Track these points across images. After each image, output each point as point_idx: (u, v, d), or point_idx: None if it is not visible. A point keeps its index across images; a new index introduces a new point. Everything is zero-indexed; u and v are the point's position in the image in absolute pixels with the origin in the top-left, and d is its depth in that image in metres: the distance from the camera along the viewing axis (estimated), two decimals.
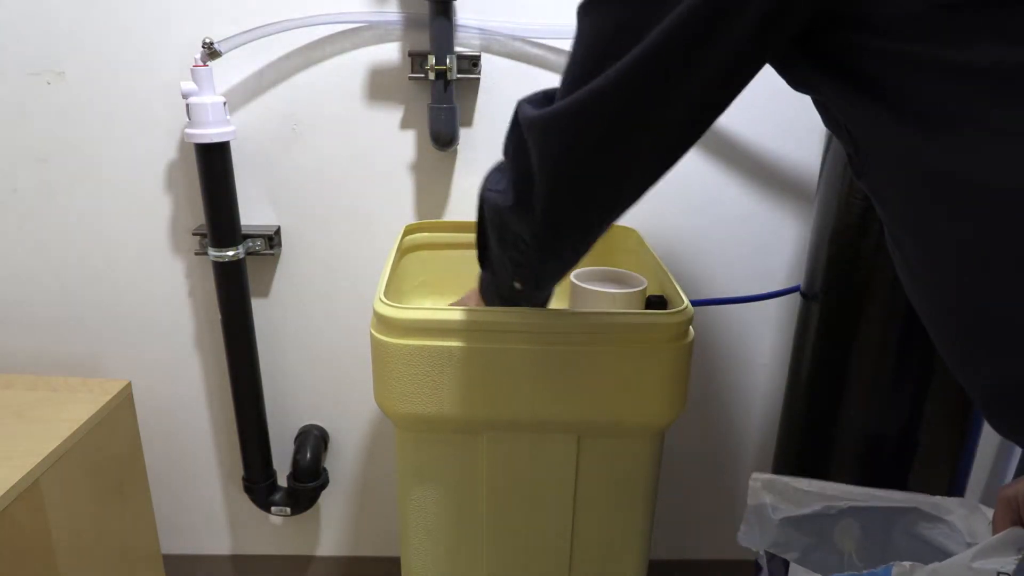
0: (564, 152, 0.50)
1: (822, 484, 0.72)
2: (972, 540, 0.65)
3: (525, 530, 0.83)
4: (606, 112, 0.46)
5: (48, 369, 1.18)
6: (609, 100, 0.45)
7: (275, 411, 1.20)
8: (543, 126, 0.50)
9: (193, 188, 1.08)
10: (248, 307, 1.10)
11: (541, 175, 0.52)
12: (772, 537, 0.72)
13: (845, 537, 0.71)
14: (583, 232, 0.59)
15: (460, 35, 1.00)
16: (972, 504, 0.68)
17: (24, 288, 1.14)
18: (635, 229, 1.04)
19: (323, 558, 1.33)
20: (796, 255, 1.13)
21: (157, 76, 1.02)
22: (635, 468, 0.81)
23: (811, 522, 0.71)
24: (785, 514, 0.71)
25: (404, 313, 0.72)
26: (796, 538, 0.72)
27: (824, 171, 0.86)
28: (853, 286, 0.82)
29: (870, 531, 0.71)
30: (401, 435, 0.80)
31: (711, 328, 1.17)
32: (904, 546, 0.69)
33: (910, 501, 0.70)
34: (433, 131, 1.01)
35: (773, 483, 0.73)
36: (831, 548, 0.72)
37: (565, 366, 0.73)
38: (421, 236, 1.05)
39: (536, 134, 0.51)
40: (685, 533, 1.32)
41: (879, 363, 0.82)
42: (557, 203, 0.54)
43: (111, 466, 1.07)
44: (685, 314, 0.74)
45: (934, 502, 0.69)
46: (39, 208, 1.09)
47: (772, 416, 1.23)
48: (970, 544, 0.65)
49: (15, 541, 0.86)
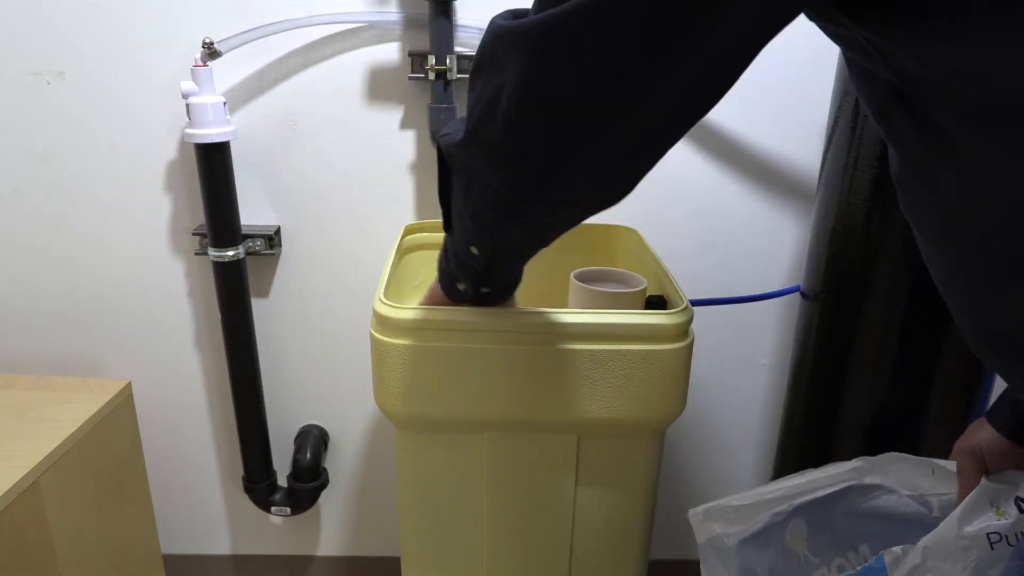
0: (557, 67, 0.42)
1: (758, 492, 0.70)
2: (913, 492, 0.64)
3: (525, 530, 0.83)
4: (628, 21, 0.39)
5: (48, 369, 1.18)
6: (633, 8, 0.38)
7: (275, 411, 1.20)
8: (528, 36, 0.42)
9: (193, 188, 1.08)
10: (248, 307, 1.10)
11: (512, 96, 0.45)
12: (736, 565, 0.69)
13: (796, 538, 0.69)
14: (545, 182, 0.49)
15: (460, 35, 1.00)
16: (894, 456, 0.67)
17: (24, 288, 1.14)
18: (635, 229, 1.04)
19: (323, 558, 1.33)
20: (796, 255, 1.13)
21: (157, 76, 1.02)
22: (635, 468, 0.81)
23: (765, 536, 0.69)
24: (739, 537, 0.69)
25: (404, 313, 0.72)
26: (758, 557, 0.69)
27: (824, 171, 0.86)
28: (853, 286, 0.82)
29: (815, 525, 0.69)
30: (401, 435, 0.80)
31: (711, 328, 1.17)
32: (850, 528, 0.68)
33: (841, 479, 0.68)
34: (433, 131, 1.01)
35: (713, 511, 0.71)
36: (790, 554, 0.70)
37: (565, 366, 0.73)
38: (421, 236, 1.05)
39: (518, 45, 0.43)
40: (685, 533, 1.32)
41: (879, 363, 0.82)
42: (523, 129, 0.46)
43: (111, 466, 1.06)
44: (685, 314, 0.74)
45: (858, 467, 0.67)
46: (39, 208, 1.09)
47: (772, 416, 1.23)
48: (913, 497, 0.64)
49: (15, 541, 0.85)
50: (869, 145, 0.77)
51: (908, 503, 0.65)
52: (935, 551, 0.56)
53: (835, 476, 0.68)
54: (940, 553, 0.56)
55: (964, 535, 0.54)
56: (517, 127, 0.46)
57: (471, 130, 0.51)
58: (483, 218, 0.56)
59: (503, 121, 0.47)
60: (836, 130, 0.82)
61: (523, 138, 0.47)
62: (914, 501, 0.64)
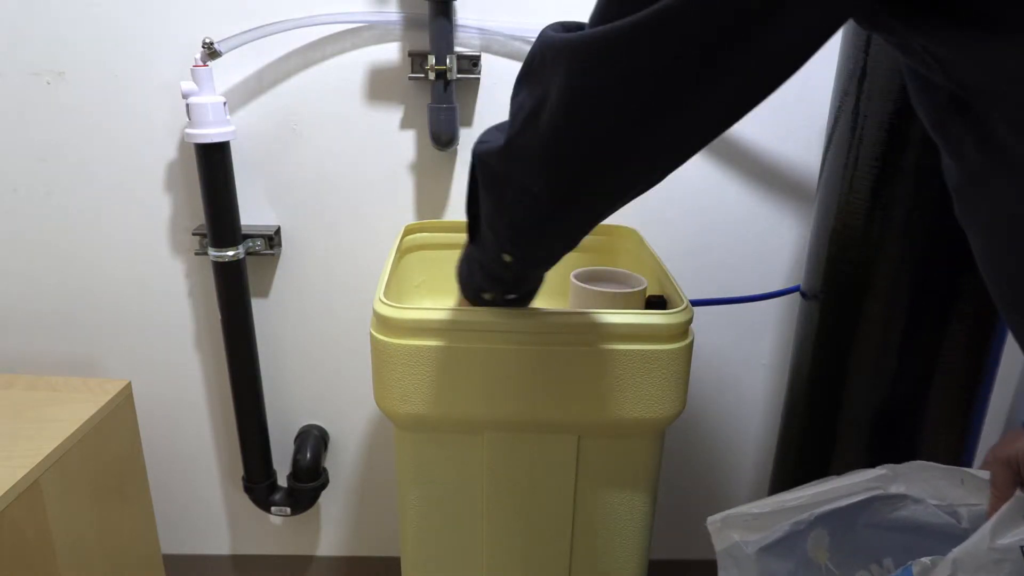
0: (603, 83, 0.43)
1: (778, 499, 0.68)
2: (941, 502, 0.62)
3: (525, 530, 0.83)
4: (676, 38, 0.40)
5: (48, 369, 1.18)
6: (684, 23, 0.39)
7: (275, 411, 1.20)
8: (584, 49, 0.44)
9: (193, 188, 1.08)
10: (248, 307, 1.10)
11: (558, 105, 0.46)
12: (756, 573, 0.68)
13: (818, 548, 0.68)
14: (584, 188, 0.51)
15: (460, 35, 1.00)
16: (920, 464, 0.64)
17: (24, 288, 1.14)
18: (635, 229, 1.04)
19: (323, 558, 1.33)
20: (796, 255, 1.13)
21: (157, 76, 1.02)
22: (635, 468, 0.81)
23: (786, 545, 0.67)
24: (758, 545, 0.67)
25: (404, 313, 0.72)
26: (778, 566, 0.68)
27: (824, 171, 0.86)
28: (853, 286, 0.82)
29: (838, 535, 0.67)
30: (401, 435, 0.80)
31: (711, 328, 1.17)
32: (875, 539, 0.66)
33: (864, 488, 0.65)
34: (433, 131, 1.01)
35: (732, 519, 0.69)
36: (812, 565, 0.68)
37: (565, 366, 0.73)
38: (421, 236, 1.05)
39: (570, 56, 0.45)
40: (685, 533, 1.32)
41: (879, 363, 0.82)
42: (567, 137, 0.47)
43: (111, 466, 1.06)
44: (685, 314, 0.74)
45: (883, 475, 0.65)
46: (39, 208, 1.09)
47: (772, 416, 1.23)
48: (941, 507, 0.62)
49: (15, 541, 0.85)
50: (869, 145, 0.77)
51: (936, 513, 0.63)
52: (966, 563, 0.54)
53: (858, 484, 0.66)
54: (971, 565, 0.54)
55: (997, 548, 0.52)
56: (560, 135, 0.48)
57: (512, 136, 0.52)
58: (518, 226, 0.58)
59: (547, 128, 0.48)
60: (836, 130, 0.82)
61: (566, 146, 0.48)
62: (942, 511, 0.62)
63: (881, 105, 0.75)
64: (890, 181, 0.76)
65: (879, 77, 0.75)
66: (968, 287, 0.76)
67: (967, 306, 0.77)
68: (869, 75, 0.76)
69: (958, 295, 0.77)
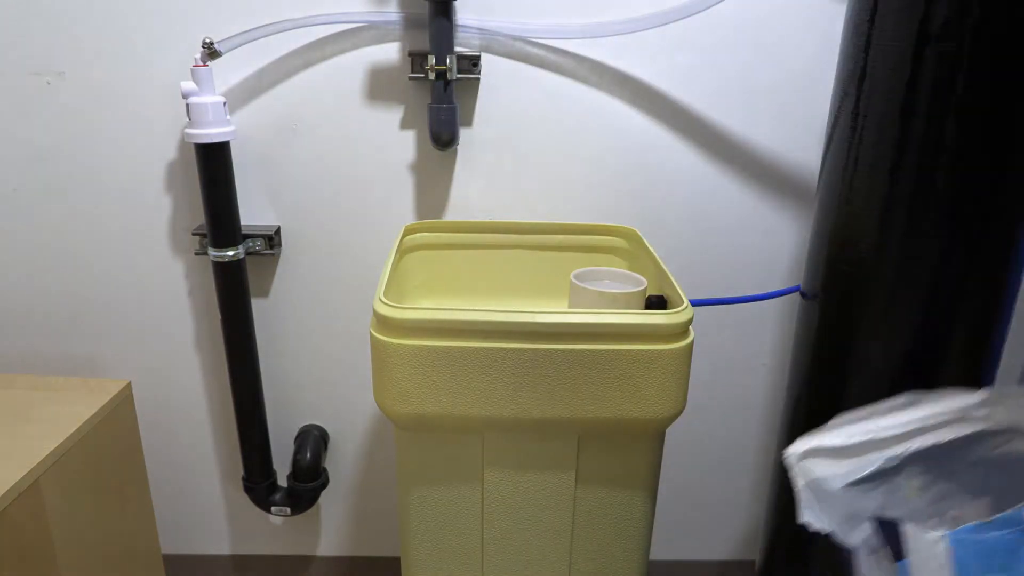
0: None
1: (864, 428, 0.62)
2: None
3: (525, 530, 0.83)
4: None
5: (48, 369, 1.18)
6: None
7: (275, 411, 1.20)
8: None
9: (193, 188, 1.08)
10: (248, 307, 1.10)
11: None
12: (841, 510, 0.62)
13: (911, 486, 0.62)
14: None
15: (460, 35, 1.00)
16: None
17: (24, 288, 1.14)
18: (635, 229, 1.04)
19: (323, 558, 1.33)
20: (796, 255, 1.13)
21: (157, 76, 1.02)
22: (635, 468, 0.81)
23: (876, 481, 0.61)
24: (845, 480, 0.61)
25: (404, 313, 0.72)
26: (866, 503, 0.62)
27: (824, 171, 0.86)
28: (853, 286, 0.82)
29: (934, 472, 0.61)
30: (401, 435, 0.80)
31: (711, 328, 1.17)
32: (975, 478, 0.60)
33: (964, 416, 0.59)
34: (433, 131, 1.01)
35: (816, 450, 0.63)
36: (903, 502, 0.62)
37: (565, 366, 0.73)
38: (421, 236, 1.05)
39: None
40: (685, 533, 1.32)
41: (879, 363, 0.82)
42: None
43: (111, 466, 1.07)
44: (685, 314, 0.74)
45: (985, 401, 0.59)
46: (39, 208, 1.09)
47: (772, 416, 1.23)
48: None
49: (15, 541, 0.86)
50: (869, 145, 0.77)
51: None
52: None
53: (957, 413, 0.60)
54: None
55: None
56: None
57: None
58: None
59: None
60: (836, 130, 0.82)
61: None
62: None
63: (881, 105, 0.75)
64: (890, 181, 0.76)
65: (879, 77, 0.75)
66: (970, 287, 0.76)
67: (968, 306, 0.77)
68: (869, 75, 0.76)
69: (959, 295, 0.77)
